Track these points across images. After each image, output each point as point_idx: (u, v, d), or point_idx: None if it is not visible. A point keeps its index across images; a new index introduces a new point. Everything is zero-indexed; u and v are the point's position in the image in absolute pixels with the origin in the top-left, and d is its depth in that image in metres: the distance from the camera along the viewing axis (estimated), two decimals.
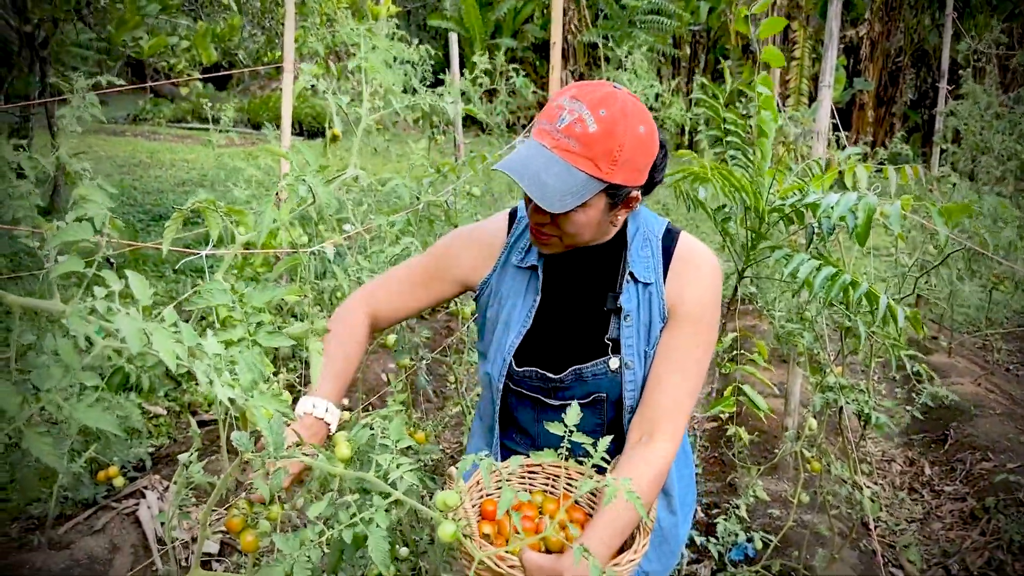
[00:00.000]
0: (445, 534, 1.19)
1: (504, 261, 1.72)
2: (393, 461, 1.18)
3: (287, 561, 1.11)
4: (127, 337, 0.78)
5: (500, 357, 1.68)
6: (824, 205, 1.76)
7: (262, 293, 1.05)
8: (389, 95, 2.06)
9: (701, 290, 1.62)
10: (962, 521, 3.84)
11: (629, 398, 1.63)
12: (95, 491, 3.26)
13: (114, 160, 11.64)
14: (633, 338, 1.62)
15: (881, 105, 18.22)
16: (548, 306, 1.67)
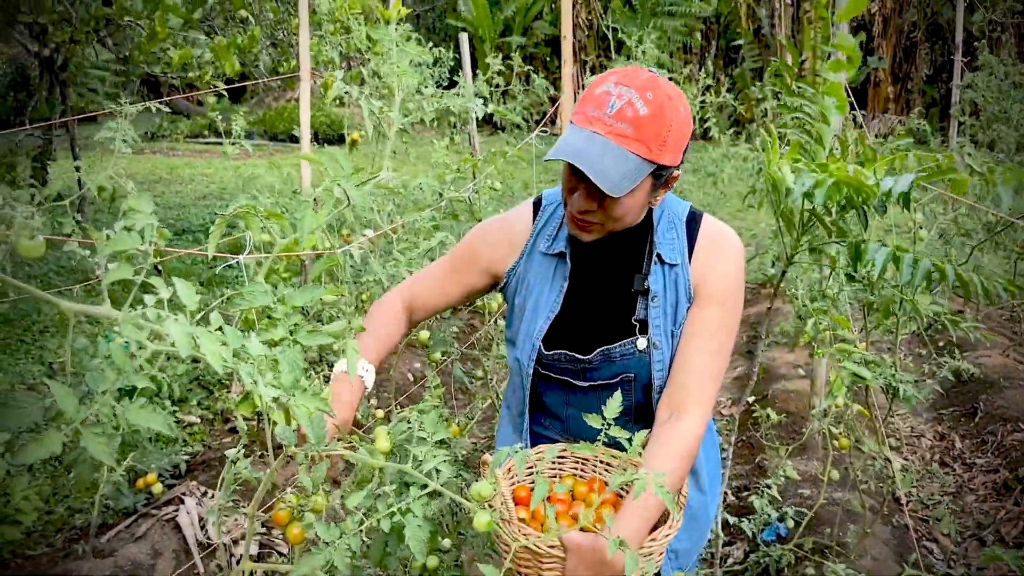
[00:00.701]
0: (481, 523, 1.23)
1: (531, 249, 1.76)
2: (429, 453, 1.22)
3: (328, 550, 1.15)
4: (177, 342, 0.83)
5: (529, 343, 1.71)
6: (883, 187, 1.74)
7: (303, 293, 1.09)
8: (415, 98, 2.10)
9: (725, 271, 1.66)
10: (995, 492, 3.84)
11: (658, 378, 1.66)
12: (135, 499, 3.34)
13: (135, 178, 11.75)
14: (660, 318, 1.65)
15: (897, 82, 18.07)
16: (576, 290, 1.71)
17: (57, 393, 0.86)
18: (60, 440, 0.87)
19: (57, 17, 4.29)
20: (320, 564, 1.19)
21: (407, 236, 2.20)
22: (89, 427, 0.88)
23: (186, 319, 0.86)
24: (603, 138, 1.45)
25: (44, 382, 3.72)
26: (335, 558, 1.20)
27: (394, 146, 3.99)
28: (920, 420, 4.79)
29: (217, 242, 1.10)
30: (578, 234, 1.63)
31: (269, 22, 6.21)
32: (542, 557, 1.37)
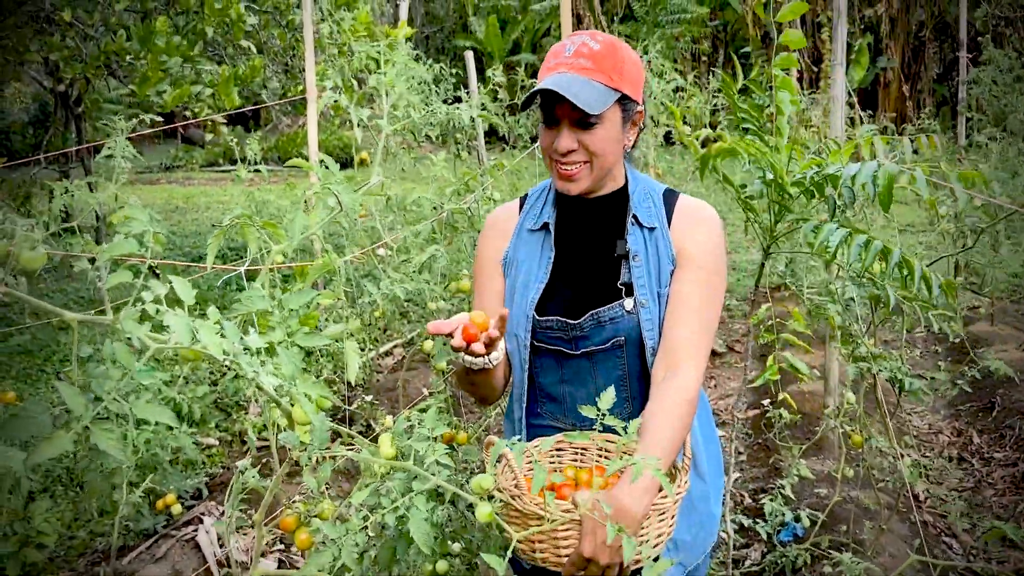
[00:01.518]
0: (482, 515, 1.26)
1: (518, 231, 1.88)
2: (430, 448, 1.26)
3: (334, 547, 1.18)
4: (177, 331, 0.87)
5: (523, 313, 1.78)
6: (845, 175, 1.81)
7: (299, 296, 1.13)
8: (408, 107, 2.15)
9: (705, 235, 1.76)
10: (1014, 486, 3.82)
11: (648, 338, 1.72)
12: (155, 521, 3.38)
13: (151, 208, 11.91)
14: (644, 278, 1.74)
15: (907, 81, 18.03)
16: (562, 260, 1.81)
17: (65, 393, 0.90)
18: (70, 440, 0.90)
19: (68, 53, 4.39)
20: (327, 561, 1.22)
21: (404, 250, 2.24)
22: (98, 424, 0.92)
23: (185, 312, 0.90)
24: (568, 74, 1.63)
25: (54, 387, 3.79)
26: (343, 555, 1.23)
27: (386, 161, 4.06)
28: (938, 417, 4.78)
29: (215, 253, 1.14)
30: (566, 186, 1.72)
31: (278, 49, 6.30)
32: (557, 528, 1.37)
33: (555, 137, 1.68)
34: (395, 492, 1.23)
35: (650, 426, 1.52)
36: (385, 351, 5.55)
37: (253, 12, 4.89)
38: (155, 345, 0.93)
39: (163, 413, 0.93)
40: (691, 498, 1.81)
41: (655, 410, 1.56)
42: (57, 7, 4.12)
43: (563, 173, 1.71)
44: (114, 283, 0.95)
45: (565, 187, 1.73)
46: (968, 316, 6.15)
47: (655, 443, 1.48)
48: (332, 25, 2.97)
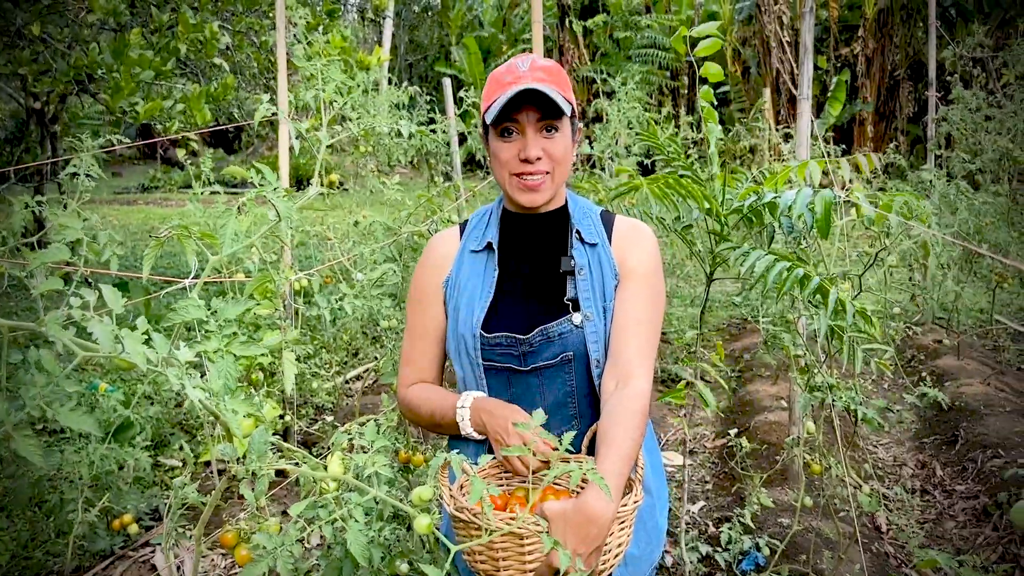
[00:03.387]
0: (421, 526, 1.26)
1: (460, 254, 1.90)
2: (368, 460, 1.26)
3: (270, 556, 1.18)
4: (100, 339, 0.87)
5: (470, 332, 1.79)
6: (782, 203, 1.85)
7: (234, 306, 1.13)
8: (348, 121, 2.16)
9: (645, 252, 1.82)
10: (975, 518, 3.84)
11: (594, 351, 1.75)
12: (111, 542, 3.33)
13: (127, 228, 11.89)
14: (589, 291, 1.78)
15: (882, 120, 18.32)
16: (507, 278, 1.84)
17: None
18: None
19: (36, 69, 4.38)
20: (261, 572, 1.21)
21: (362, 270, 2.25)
22: (20, 430, 0.91)
23: (111, 321, 0.90)
24: (532, 84, 1.68)
25: None
26: (278, 565, 1.22)
27: (370, 186, 4.07)
28: (903, 449, 4.81)
29: (151, 264, 1.14)
30: (531, 198, 1.76)
31: (255, 71, 6.31)
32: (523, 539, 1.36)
33: (520, 146, 1.73)
34: (331, 503, 1.23)
35: (609, 434, 1.53)
36: (355, 375, 5.53)
37: (227, 31, 4.92)
38: (82, 353, 0.93)
39: (85, 421, 0.93)
40: (639, 511, 1.81)
41: (613, 419, 1.57)
42: (27, 21, 4.12)
43: (528, 184, 1.75)
44: (44, 290, 0.95)
45: (530, 199, 1.76)
46: (935, 350, 6.21)
47: (616, 450, 1.50)
48: (305, 48, 2.98)
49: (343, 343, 5.30)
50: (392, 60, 19.47)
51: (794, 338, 2.50)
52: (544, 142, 1.73)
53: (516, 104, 1.70)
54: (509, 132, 1.74)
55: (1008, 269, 5.68)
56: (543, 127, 1.73)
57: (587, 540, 1.39)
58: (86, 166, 2.32)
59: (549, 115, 1.72)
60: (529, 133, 1.72)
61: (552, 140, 1.74)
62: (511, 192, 1.79)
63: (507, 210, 1.91)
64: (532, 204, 1.77)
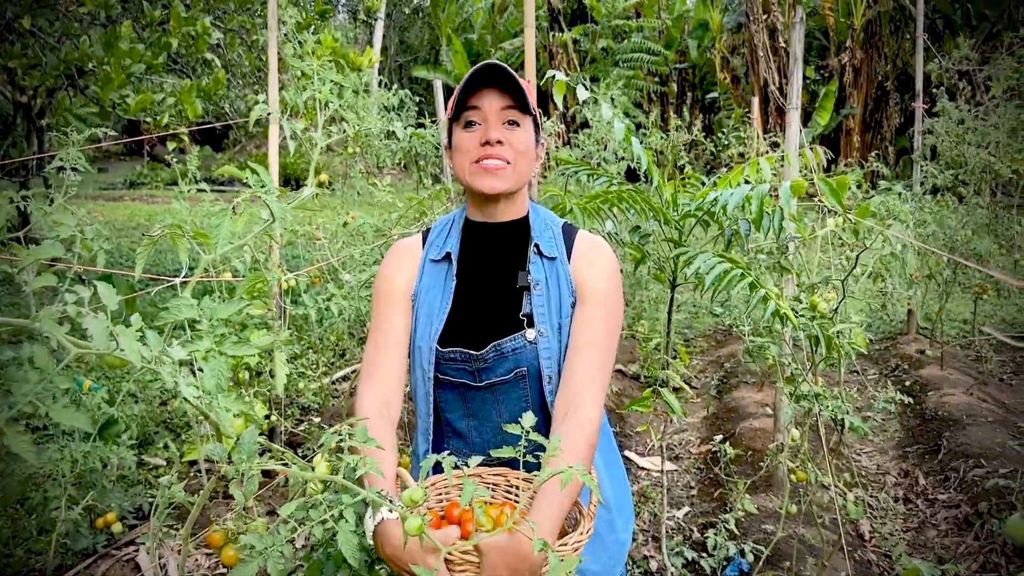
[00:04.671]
0: (411, 528, 1.26)
1: (423, 263, 1.87)
2: (359, 460, 1.26)
3: (260, 557, 1.17)
4: (94, 336, 0.87)
5: (427, 345, 1.77)
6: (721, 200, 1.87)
7: (227, 306, 1.13)
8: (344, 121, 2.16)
9: (603, 271, 1.79)
10: (956, 527, 3.87)
11: (546, 367, 1.74)
12: (94, 540, 3.31)
13: (113, 224, 11.83)
14: (544, 307, 1.76)
15: (869, 131, 18.45)
16: (465, 289, 1.82)
17: None
18: None
19: (26, 62, 4.35)
20: (251, 573, 1.21)
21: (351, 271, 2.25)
22: (12, 427, 0.91)
23: (106, 318, 0.90)
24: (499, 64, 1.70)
25: None
26: (268, 566, 1.22)
27: (358, 188, 4.07)
28: (886, 458, 4.84)
29: (144, 263, 1.14)
30: (491, 183, 1.73)
31: (246, 70, 6.30)
32: (455, 567, 1.38)
33: (481, 132, 1.72)
34: (322, 503, 1.23)
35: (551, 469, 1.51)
36: (341, 376, 5.51)
37: (219, 28, 4.90)
38: (75, 350, 0.93)
39: (78, 418, 0.92)
40: (595, 527, 1.81)
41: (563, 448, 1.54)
42: (16, 15, 4.10)
43: (489, 167, 1.72)
44: (37, 287, 0.95)
45: (490, 184, 1.73)
46: (918, 360, 6.26)
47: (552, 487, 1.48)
48: (296, 47, 2.98)
49: (330, 344, 5.29)
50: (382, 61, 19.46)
51: (779, 347, 2.51)
52: (506, 132, 1.73)
53: (478, 81, 1.71)
54: (472, 124, 1.74)
55: (988, 280, 5.73)
56: (506, 120, 1.73)
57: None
58: (72, 160, 2.31)
59: (512, 100, 1.72)
60: (491, 119, 1.72)
61: (514, 132, 1.73)
62: (471, 180, 1.76)
63: (469, 220, 1.88)
64: (492, 190, 1.74)
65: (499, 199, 1.80)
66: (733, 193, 1.81)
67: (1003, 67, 5.94)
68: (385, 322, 1.82)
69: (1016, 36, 7.05)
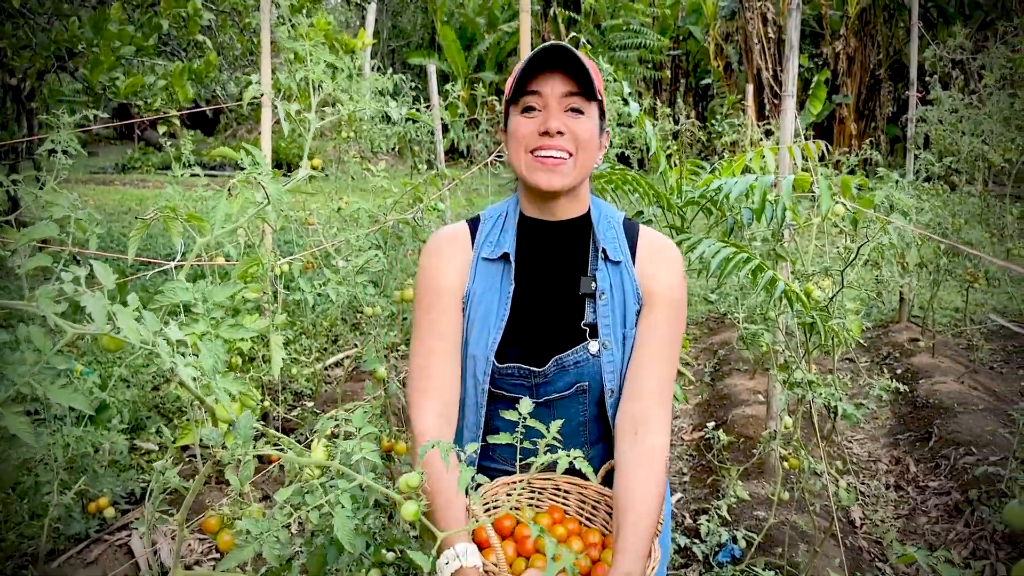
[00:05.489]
0: (408, 513, 1.26)
1: (476, 260, 1.70)
2: (356, 446, 1.25)
3: (256, 542, 1.17)
4: (93, 314, 0.86)
5: (484, 357, 1.64)
6: (725, 188, 1.86)
7: (223, 289, 1.12)
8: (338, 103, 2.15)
9: (672, 274, 1.67)
10: (947, 514, 3.90)
11: (609, 380, 1.63)
12: (87, 525, 3.30)
13: (104, 209, 11.75)
14: (609, 317, 1.63)
15: (862, 119, 18.46)
16: (523, 295, 1.67)
17: None
18: None
19: (16, 43, 4.30)
20: (247, 558, 1.21)
21: (346, 257, 2.24)
22: (9, 407, 0.90)
23: (104, 297, 0.89)
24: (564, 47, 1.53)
25: None
26: (264, 551, 1.21)
27: (351, 173, 4.05)
28: (877, 445, 4.86)
29: (136, 246, 1.13)
30: (549, 180, 1.59)
31: (237, 53, 6.26)
32: None
33: (541, 121, 1.57)
34: (320, 491, 1.22)
35: (633, 503, 1.46)
36: (334, 362, 5.51)
37: (210, 10, 4.86)
38: (72, 329, 0.92)
39: (76, 398, 0.91)
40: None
41: (635, 482, 1.48)
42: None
43: (547, 162, 1.57)
44: (31, 267, 0.94)
45: (547, 180, 1.58)
46: (910, 348, 6.28)
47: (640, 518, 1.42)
48: (289, 29, 2.96)
49: (323, 330, 5.28)
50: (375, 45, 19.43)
51: (773, 334, 2.51)
52: (568, 120, 1.56)
53: (540, 64, 1.55)
54: (531, 109, 1.58)
55: (980, 268, 5.75)
56: (568, 107, 1.56)
57: None
58: (64, 143, 2.29)
59: (577, 86, 1.55)
60: (552, 105, 1.56)
61: (577, 121, 1.57)
62: (526, 173, 1.60)
63: (524, 216, 1.72)
64: (549, 187, 1.58)
65: (558, 195, 1.64)
66: (737, 182, 1.80)
67: (996, 56, 5.95)
68: (437, 324, 1.65)
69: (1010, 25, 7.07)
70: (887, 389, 2.40)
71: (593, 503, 1.64)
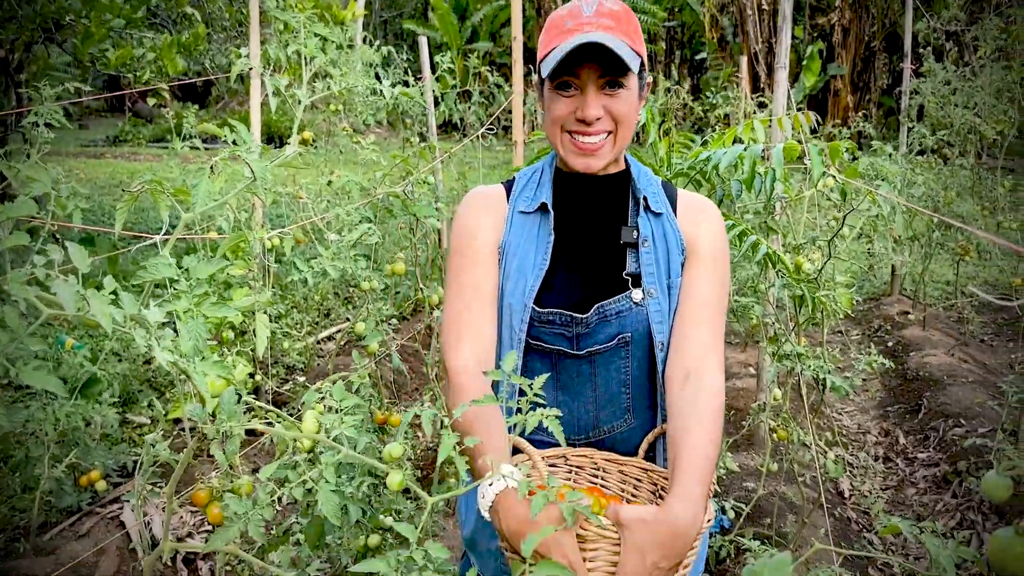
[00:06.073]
0: (393, 483, 1.26)
1: (511, 218, 1.66)
2: (336, 420, 1.25)
3: (241, 521, 1.17)
4: (63, 300, 0.85)
5: (520, 303, 1.58)
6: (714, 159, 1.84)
7: (206, 265, 1.11)
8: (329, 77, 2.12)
9: (714, 228, 1.65)
10: (935, 486, 3.93)
11: (658, 332, 1.57)
12: (78, 498, 3.31)
13: (95, 182, 11.69)
14: (653, 266, 1.59)
15: (856, 91, 18.38)
16: (563, 246, 1.63)
17: None
18: None
19: (2, 15, 4.25)
20: (233, 536, 1.21)
21: (337, 231, 2.23)
22: None
23: (77, 281, 0.88)
24: (597, 32, 1.46)
25: None
26: (250, 529, 1.22)
27: (341, 146, 4.02)
28: (867, 417, 4.89)
29: (124, 219, 1.12)
30: (587, 162, 1.56)
31: (226, 24, 6.20)
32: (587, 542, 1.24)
33: (577, 104, 1.52)
34: (301, 465, 1.23)
35: (690, 437, 1.38)
36: (327, 335, 5.51)
37: None
38: (47, 311, 0.91)
39: (49, 381, 0.91)
40: None
41: (691, 419, 1.41)
42: None
43: (584, 147, 1.54)
44: (9, 245, 0.93)
45: (584, 164, 1.56)
46: (901, 321, 6.30)
47: (699, 454, 1.34)
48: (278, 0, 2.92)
49: (314, 303, 5.27)
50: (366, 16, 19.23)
51: (763, 307, 2.52)
52: (606, 100, 1.51)
53: (576, 59, 1.48)
54: (568, 85, 1.52)
55: (971, 241, 5.76)
56: (606, 83, 1.50)
57: (670, 555, 1.24)
58: (47, 115, 2.27)
59: (613, 71, 1.49)
60: (590, 91, 1.50)
61: (616, 98, 1.51)
62: (564, 154, 1.58)
63: (560, 170, 1.68)
64: (587, 170, 1.56)
65: None
66: (726, 153, 1.78)
67: (990, 27, 5.91)
68: (472, 278, 1.60)
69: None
70: (874, 364, 2.41)
71: (635, 480, 1.57)
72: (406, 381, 4.76)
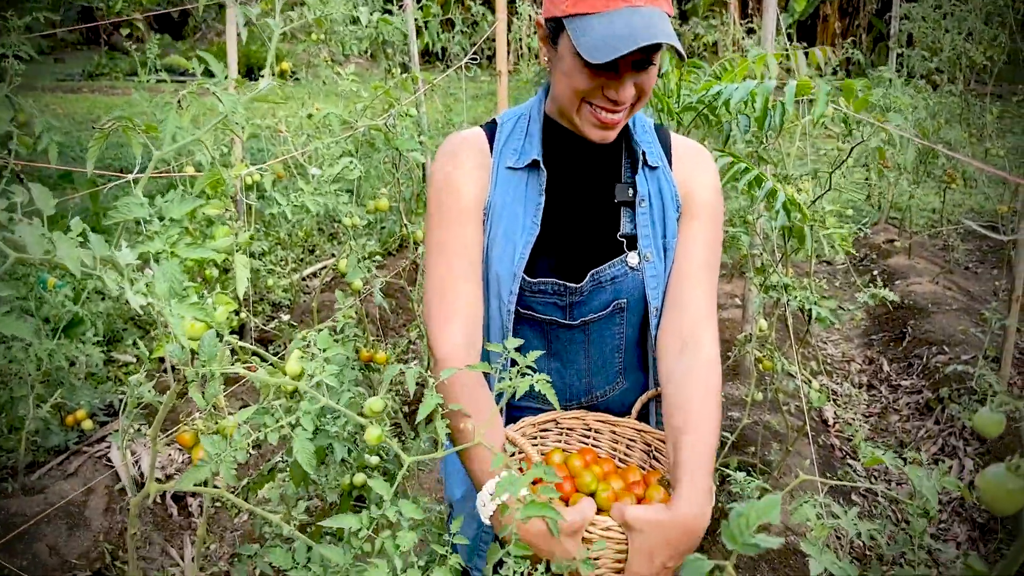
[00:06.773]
0: (371, 437, 1.25)
1: (496, 173, 1.52)
2: (318, 367, 1.24)
3: (213, 462, 1.16)
4: (27, 244, 0.82)
5: (509, 272, 1.48)
6: (725, 94, 1.80)
7: (180, 204, 1.08)
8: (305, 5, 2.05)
9: (711, 180, 1.55)
10: (918, 412, 3.99)
11: (653, 297, 1.50)
12: (66, 437, 3.32)
13: (72, 117, 11.47)
14: (649, 227, 1.50)
15: (845, 16, 18.12)
16: (554, 206, 1.51)
17: None
18: None
19: None
20: (204, 477, 1.20)
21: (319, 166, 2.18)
22: None
23: (42, 224, 0.85)
24: (644, 8, 1.30)
25: None
26: (221, 470, 1.21)
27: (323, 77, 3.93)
28: (852, 346, 4.93)
29: (95, 157, 1.08)
30: (601, 134, 1.41)
31: None
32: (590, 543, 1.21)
33: (605, 81, 1.35)
34: (278, 410, 1.21)
35: (691, 420, 1.31)
36: (311, 272, 5.48)
37: None
38: (14, 255, 0.88)
39: (20, 327, 0.88)
40: None
41: (690, 398, 1.35)
42: None
43: (607, 121, 1.38)
44: None
45: (603, 135, 1.41)
46: (887, 250, 6.32)
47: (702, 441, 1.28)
48: None
49: (298, 240, 5.22)
50: None
51: (751, 238, 2.50)
52: (638, 76, 1.36)
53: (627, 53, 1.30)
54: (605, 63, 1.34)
55: (958, 169, 5.74)
56: (642, 60, 1.34)
57: (679, 554, 1.21)
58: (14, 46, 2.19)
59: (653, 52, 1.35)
60: (626, 72, 1.35)
61: (647, 73, 1.37)
62: (578, 121, 1.42)
63: (549, 118, 1.53)
64: (604, 141, 1.43)
65: None
66: (738, 88, 1.72)
67: None
68: (455, 237, 1.47)
69: None
70: (876, 299, 2.40)
71: (628, 441, 1.53)
72: (392, 318, 4.76)
